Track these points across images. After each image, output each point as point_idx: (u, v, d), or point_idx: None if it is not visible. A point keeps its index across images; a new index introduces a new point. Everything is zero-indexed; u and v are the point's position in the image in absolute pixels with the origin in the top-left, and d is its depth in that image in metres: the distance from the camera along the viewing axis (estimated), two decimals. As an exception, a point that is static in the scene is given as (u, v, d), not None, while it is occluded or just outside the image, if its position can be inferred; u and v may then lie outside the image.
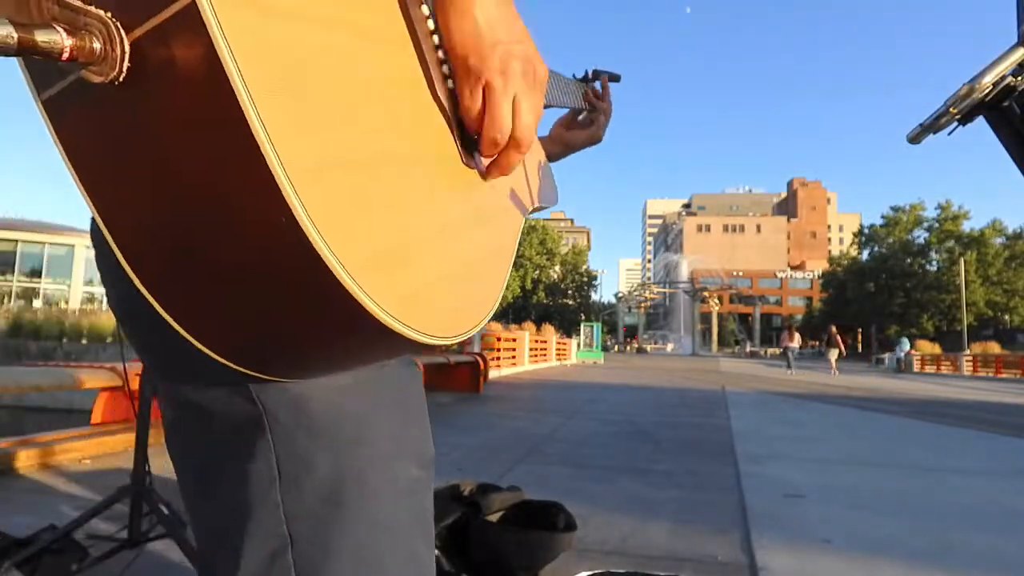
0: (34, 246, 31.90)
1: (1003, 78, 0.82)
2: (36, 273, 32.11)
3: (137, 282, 0.37)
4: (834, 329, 21.10)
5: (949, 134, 0.92)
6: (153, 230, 0.36)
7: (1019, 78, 0.83)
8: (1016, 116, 0.86)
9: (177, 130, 0.33)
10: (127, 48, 0.32)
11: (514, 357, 13.52)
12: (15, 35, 0.29)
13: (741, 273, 79.38)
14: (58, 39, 0.30)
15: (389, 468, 0.47)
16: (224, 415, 0.44)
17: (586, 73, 0.96)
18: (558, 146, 0.91)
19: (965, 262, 43.58)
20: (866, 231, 57.74)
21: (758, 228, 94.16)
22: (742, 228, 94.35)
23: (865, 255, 58.19)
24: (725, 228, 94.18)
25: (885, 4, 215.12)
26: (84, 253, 31.83)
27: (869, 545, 2.24)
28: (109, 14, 0.32)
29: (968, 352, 26.70)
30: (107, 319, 16.29)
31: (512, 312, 44.68)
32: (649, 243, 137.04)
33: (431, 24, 0.45)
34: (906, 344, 28.11)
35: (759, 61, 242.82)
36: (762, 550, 2.11)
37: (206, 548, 0.49)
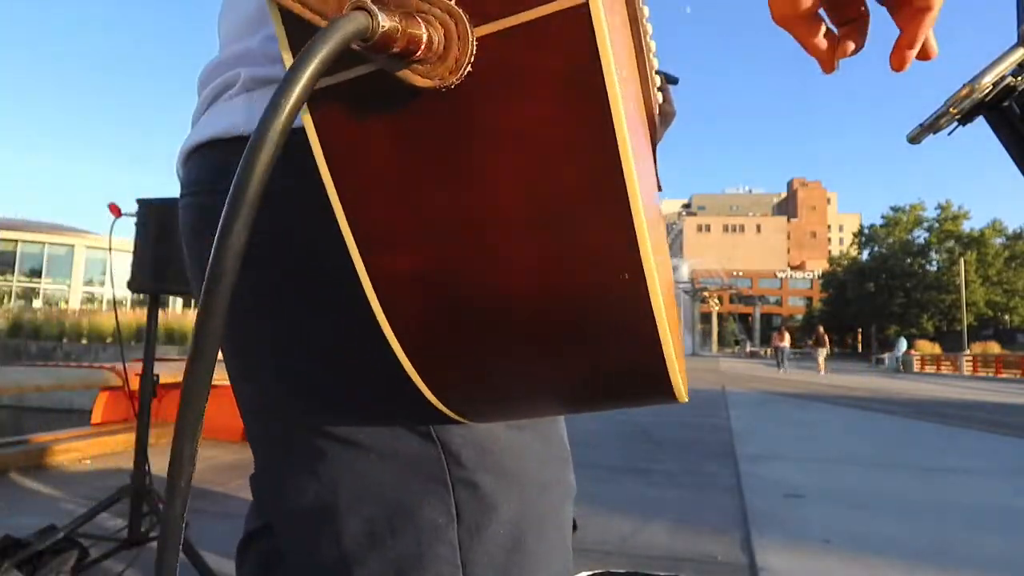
0: (34, 246, 31.90)
1: (1003, 78, 0.82)
2: (36, 273, 32.11)
3: (388, 330, 0.31)
4: (821, 329, 21.62)
5: (949, 134, 0.92)
6: (438, 271, 0.29)
7: (1019, 78, 0.83)
8: (1016, 116, 0.86)
9: (510, 149, 0.27)
10: (473, 48, 0.26)
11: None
12: (385, 23, 0.23)
13: (741, 273, 79.39)
14: (420, 32, 0.24)
15: (561, 510, 0.44)
16: (392, 454, 0.39)
17: None
18: None
19: (965, 262, 43.61)
20: (866, 231, 57.75)
21: (758, 228, 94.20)
22: (742, 228, 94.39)
23: (865, 255, 58.21)
24: (725, 228, 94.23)
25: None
26: (84, 253, 31.83)
27: (869, 545, 2.24)
28: (454, 1, 0.25)
29: (968, 352, 26.73)
30: (107, 319, 16.30)
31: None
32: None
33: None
34: (904, 344, 28.13)
35: (759, 61, 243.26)
36: (762, 550, 2.11)
37: None
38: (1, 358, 13.96)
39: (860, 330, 58.60)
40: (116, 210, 1.81)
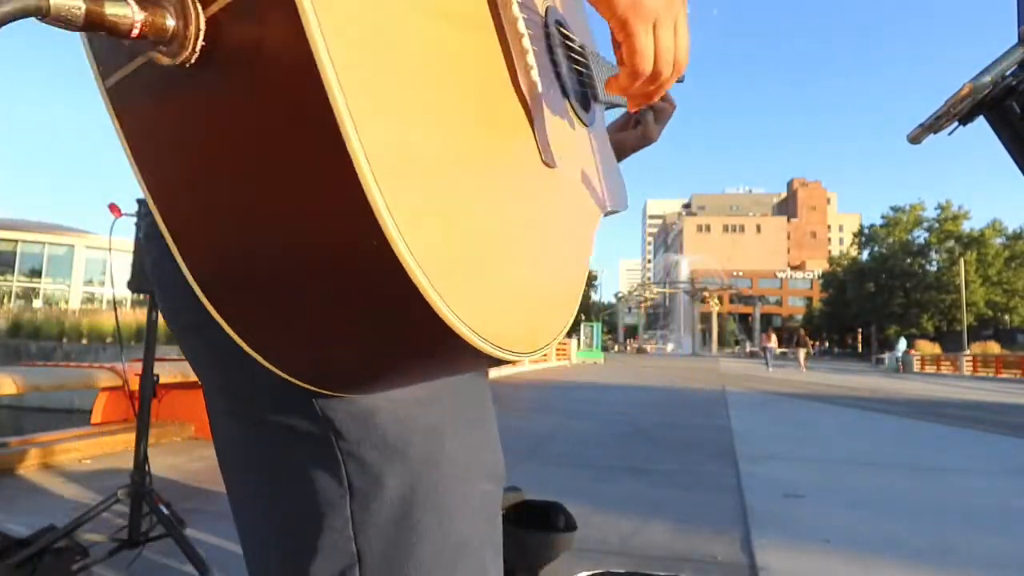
0: (34, 246, 31.89)
1: (1003, 78, 0.82)
2: (36, 273, 32.10)
3: (199, 291, 0.34)
4: (803, 332, 23.87)
5: (950, 134, 0.91)
6: (221, 231, 0.33)
7: (1019, 78, 0.83)
8: (1016, 116, 0.85)
9: (253, 116, 0.29)
10: (203, 25, 0.28)
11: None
12: (83, 6, 0.25)
13: (741, 273, 79.37)
14: (128, 13, 0.27)
15: (462, 486, 0.45)
16: (289, 429, 0.42)
17: None
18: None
19: (965, 262, 43.59)
20: (866, 231, 57.75)
21: (758, 228, 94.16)
22: (742, 228, 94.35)
23: (865, 255, 58.19)
24: (725, 228, 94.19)
25: (885, 5, 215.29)
26: (84, 253, 31.83)
27: (869, 545, 2.24)
28: None
29: (968, 352, 26.70)
30: (107, 319, 16.29)
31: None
32: (649, 243, 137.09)
33: (516, 9, 0.42)
34: (904, 344, 28.12)
35: (760, 61, 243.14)
36: (762, 550, 2.11)
37: (262, 566, 0.46)
38: (1, 358, 13.96)
39: (860, 330, 58.58)
40: (116, 210, 1.81)
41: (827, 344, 66.05)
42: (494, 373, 10.01)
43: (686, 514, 2.57)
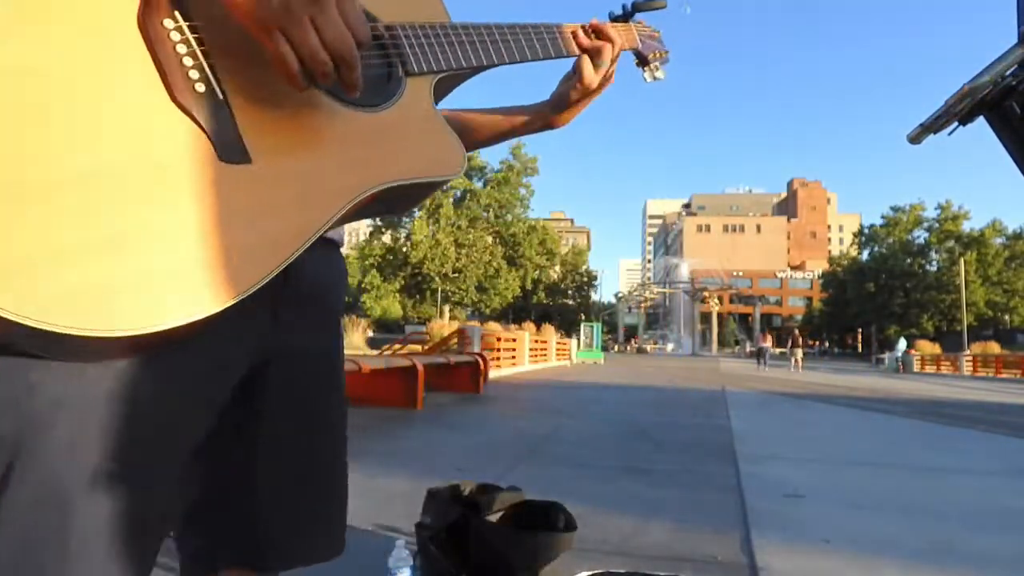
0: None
1: (1003, 78, 0.82)
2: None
3: None
4: (796, 332, 25.27)
5: (950, 134, 0.91)
6: None
7: (1019, 78, 0.83)
8: (1016, 116, 0.85)
9: None
10: None
11: (514, 357, 13.52)
12: None
13: (741, 273, 79.35)
14: None
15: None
16: None
17: (625, 9, 0.90)
18: (555, 106, 0.86)
19: (965, 262, 43.60)
20: (866, 231, 57.73)
21: (758, 228, 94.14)
22: (742, 228, 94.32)
23: (865, 255, 58.18)
24: (725, 228, 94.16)
25: (886, 5, 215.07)
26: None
27: (869, 545, 2.24)
28: None
29: (968, 352, 26.68)
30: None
31: (512, 312, 44.66)
32: (649, 243, 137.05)
33: (176, 35, 0.49)
34: (904, 344, 28.13)
35: (759, 61, 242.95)
36: (762, 550, 2.11)
37: None
38: None
39: (860, 330, 58.56)
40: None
41: (827, 344, 66.01)
42: (494, 374, 10.02)
43: (686, 514, 2.57)
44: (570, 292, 53.55)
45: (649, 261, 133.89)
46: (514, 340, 13.85)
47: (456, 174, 0.67)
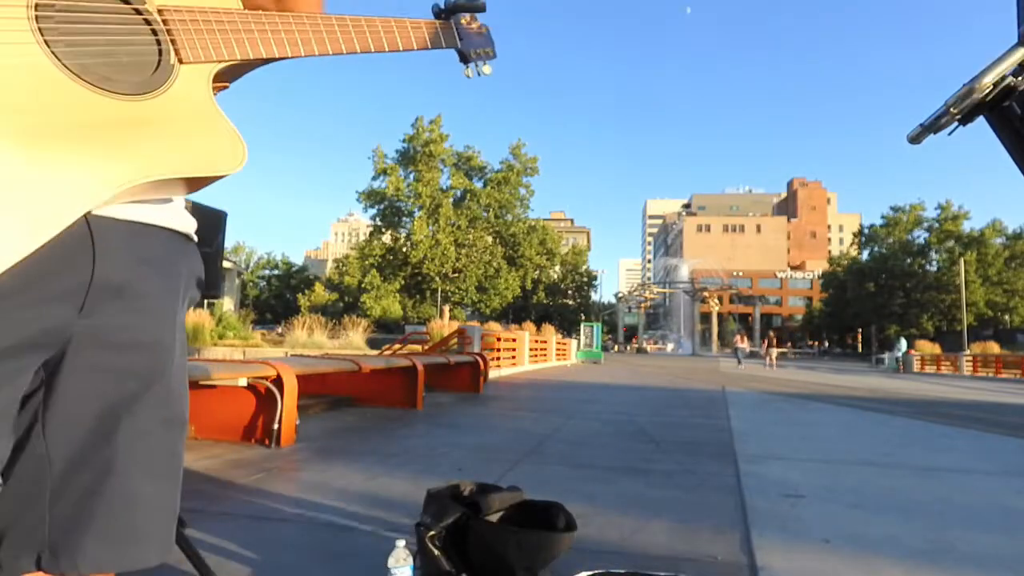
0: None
1: (1003, 78, 0.82)
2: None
3: None
4: (771, 334, 27.91)
5: (949, 134, 0.91)
6: None
7: (1019, 78, 0.83)
8: (1016, 116, 0.85)
9: None
10: None
11: (514, 357, 13.52)
12: None
13: (741, 273, 79.32)
14: None
15: None
16: None
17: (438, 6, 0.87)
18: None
19: (965, 262, 43.59)
20: (866, 231, 57.74)
21: (758, 228, 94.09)
22: (742, 228, 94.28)
23: (865, 255, 58.20)
24: (725, 228, 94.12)
25: (886, 4, 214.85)
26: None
27: (869, 545, 2.24)
28: None
29: (968, 352, 26.70)
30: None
31: (512, 312, 44.63)
32: (649, 243, 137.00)
33: None
34: (904, 344, 28.16)
35: (760, 61, 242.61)
36: (762, 550, 2.11)
37: None
38: None
39: (860, 330, 58.52)
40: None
41: (827, 344, 65.95)
42: (494, 373, 10.04)
43: (686, 514, 2.57)
44: (570, 292, 53.53)
45: (649, 261, 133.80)
46: (514, 340, 13.85)
47: (233, 170, 0.64)
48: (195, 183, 0.65)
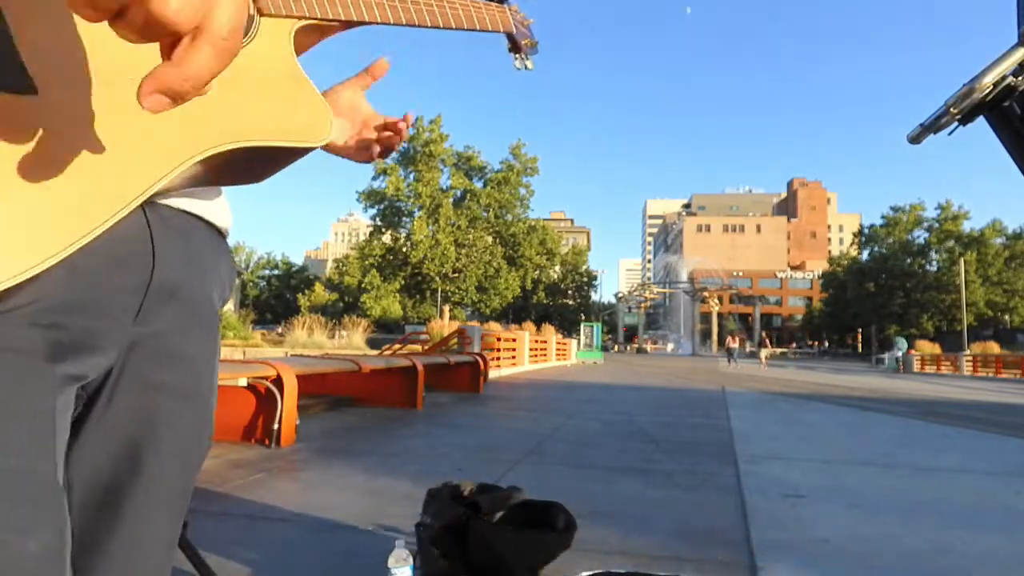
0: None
1: (1003, 78, 0.82)
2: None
3: None
4: (764, 334, 30.31)
5: (949, 134, 0.91)
6: None
7: (1019, 78, 0.83)
8: (1016, 116, 0.85)
9: None
10: None
11: (514, 357, 13.52)
12: None
13: (741, 273, 79.33)
14: None
15: None
16: None
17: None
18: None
19: (965, 262, 43.60)
20: (866, 231, 57.77)
21: (758, 228, 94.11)
22: (742, 228, 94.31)
23: (865, 255, 58.23)
24: (725, 228, 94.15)
25: (886, 6, 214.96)
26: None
27: (868, 544, 2.24)
28: None
29: (968, 352, 26.71)
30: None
31: (512, 312, 44.65)
32: (649, 243, 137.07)
33: None
34: (904, 344, 28.17)
35: (760, 61, 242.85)
36: (762, 550, 2.11)
37: None
38: None
39: (860, 330, 58.52)
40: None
41: (827, 344, 65.95)
42: (494, 373, 10.02)
43: (686, 514, 2.57)
44: (570, 292, 53.56)
45: (649, 261, 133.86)
46: (514, 340, 13.85)
47: (324, 140, 0.56)
48: (277, 158, 0.57)
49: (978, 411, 7.99)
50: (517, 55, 0.86)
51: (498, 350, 12.11)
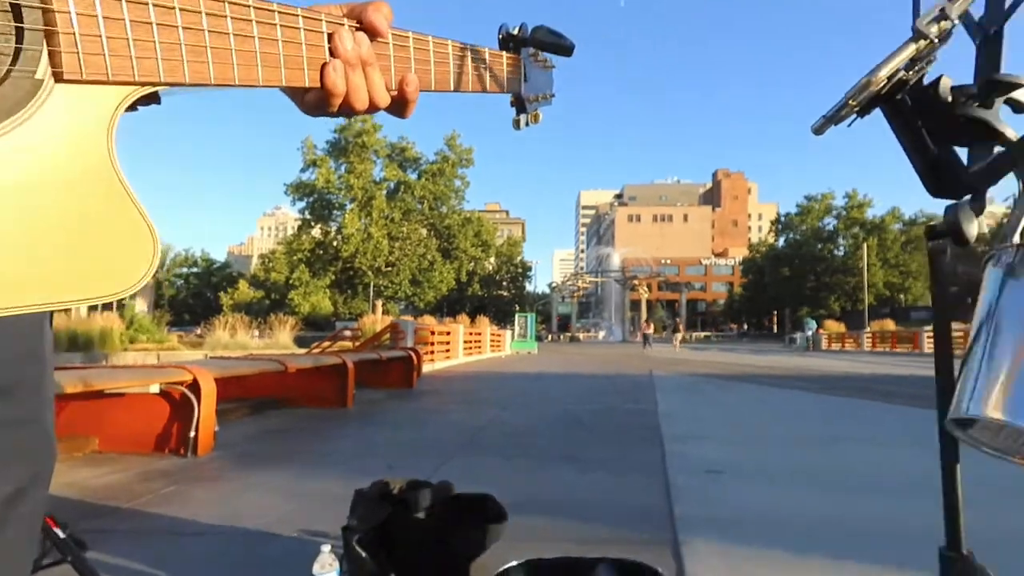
0: None
1: (897, 72, 0.86)
2: None
3: None
4: (678, 320, 34.24)
5: (849, 125, 0.96)
6: None
7: (911, 72, 0.87)
8: (908, 108, 0.90)
9: None
10: None
11: (448, 350, 13.45)
12: None
13: (669, 261, 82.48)
14: None
15: None
16: None
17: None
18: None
19: (868, 247, 47.38)
20: (782, 219, 61.53)
21: (685, 217, 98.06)
22: (671, 218, 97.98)
23: (781, 242, 62.01)
24: (655, 218, 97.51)
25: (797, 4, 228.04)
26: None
27: (780, 512, 2.38)
28: None
29: (868, 330, 29.12)
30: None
31: (447, 305, 44.35)
32: (583, 233, 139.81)
33: None
34: (813, 324, 30.45)
35: (692, 51, 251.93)
36: (684, 526, 2.19)
37: None
38: None
39: (776, 312, 62.34)
40: None
41: (746, 326, 69.74)
42: (427, 368, 9.92)
43: (614, 497, 2.63)
44: (505, 283, 53.82)
45: (583, 251, 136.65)
46: (448, 333, 13.77)
47: (128, 291, 0.39)
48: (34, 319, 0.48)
49: (879, 384, 8.70)
50: (521, 114, 0.75)
51: (432, 344, 12.00)
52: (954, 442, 0.84)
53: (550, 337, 54.66)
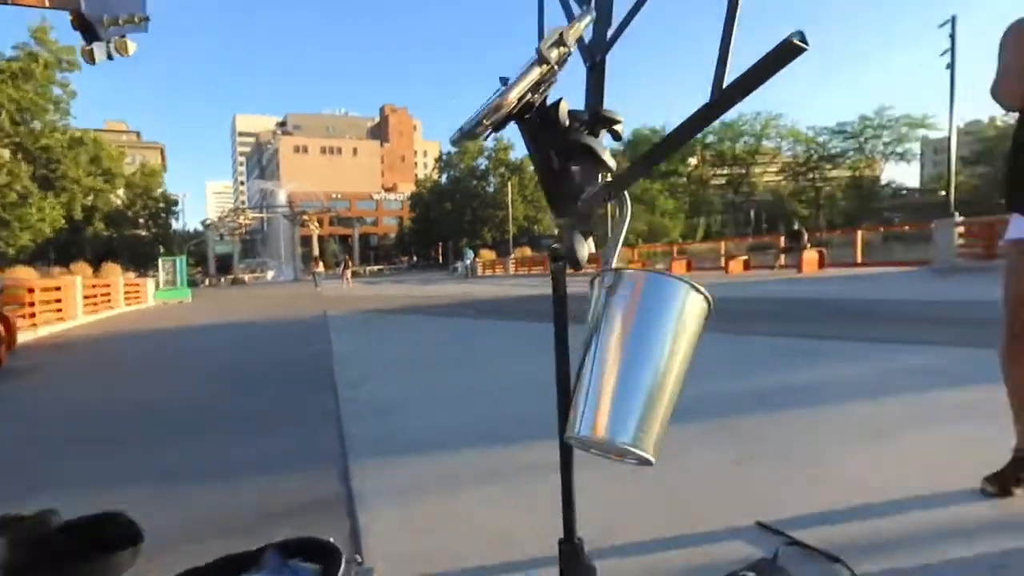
0: None
1: (524, 95, 0.95)
2: None
3: None
4: (347, 258, 35.86)
5: (485, 139, 1.04)
6: None
7: (535, 95, 0.97)
8: (536, 126, 1.02)
9: None
10: None
11: (60, 311, 10.65)
12: None
13: (340, 195, 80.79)
14: None
15: None
16: None
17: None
18: None
19: (511, 185, 55.22)
20: (444, 157, 66.38)
21: (355, 151, 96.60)
22: (340, 151, 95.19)
23: (444, 179, 67.18)
24: (323, 150, 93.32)
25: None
26: None
27: (447, 440, 2.60)
28: None
29: (512, 257, 34.68)
30: None
31: (55, 250, 34.57)
32: (241, 164, 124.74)
33: None
34: (471, 253, 34.87)
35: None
36: (358, 476, 2.21)
37: None
38: None
39: (441, 244, 68.17)
40: None
41: (415, 258, 74.50)
42: (27, 336, 7.69)
43: (284, 462, 2.49)
44: (142, 221, 44.74)
45: (243, 183, 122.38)
46: (58, 288, 10.82)
47: None
48: None
49: (522, 304, 10.42)
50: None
51: (32, 304, 9.28)
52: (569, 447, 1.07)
53: (208, 282, 48.30)
